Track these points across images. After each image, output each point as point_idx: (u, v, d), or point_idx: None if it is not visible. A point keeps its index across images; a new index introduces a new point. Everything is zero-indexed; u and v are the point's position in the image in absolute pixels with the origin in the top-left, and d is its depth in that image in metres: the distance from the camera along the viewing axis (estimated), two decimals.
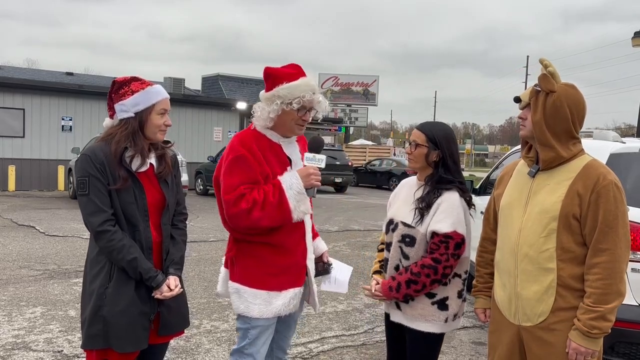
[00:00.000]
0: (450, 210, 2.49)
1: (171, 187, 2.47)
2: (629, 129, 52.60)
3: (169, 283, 2.36)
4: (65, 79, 23.04)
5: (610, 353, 3.28)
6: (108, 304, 2.28)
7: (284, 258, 2.57)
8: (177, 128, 19.50)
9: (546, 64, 2.18)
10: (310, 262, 2.70)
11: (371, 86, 35.99)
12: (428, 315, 2.54)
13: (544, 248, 2.19)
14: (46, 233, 9.38)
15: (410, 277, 2.48)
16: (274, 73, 2.58)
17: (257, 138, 2.57)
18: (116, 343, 2.28)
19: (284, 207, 2.47)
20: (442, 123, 2.70)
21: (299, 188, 2.50)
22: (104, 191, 2.28)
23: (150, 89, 2.39)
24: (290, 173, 2.54)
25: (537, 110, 2.20)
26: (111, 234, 2.27)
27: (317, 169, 2.56)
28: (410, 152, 2.61)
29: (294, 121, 2.57)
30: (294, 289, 2.61)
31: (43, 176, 17.47)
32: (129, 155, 2.34)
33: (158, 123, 2.37)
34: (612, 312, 2.09)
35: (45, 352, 4.16)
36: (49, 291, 5.83)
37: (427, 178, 2.61)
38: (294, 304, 2.62)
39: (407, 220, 2.58)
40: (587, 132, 4.54)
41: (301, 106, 2.53)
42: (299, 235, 2.62)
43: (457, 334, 4.98)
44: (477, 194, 6.39)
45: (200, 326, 4.83)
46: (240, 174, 2.47)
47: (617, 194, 2.12)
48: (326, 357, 4.30)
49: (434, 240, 2.48)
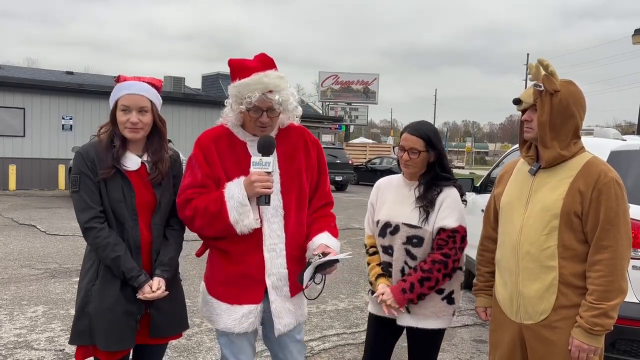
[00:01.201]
0: (454, 205, 2.54)
1: (165, 187, 2.42)
2: (629, 126, 52.58)
3: (152, 284, 2.30)
4: (66, 78, 23.03)
5: (611, 350, 3.28)
6: (93, 301, 2.29)
7: (232, 267, 2.37)
8: (177, 127, 19.51)
9: (546, 64, 2.17)
10: (271, 278, 2.37)
11: (371, 84, 35.98)
12: (439, 312, 2.57)
13: (546, 246, 2.18)
14: (47, 232, 9.40)
15: (422, 275, 2.48)
16: (232, 66, 2.37)
17: (220, 137, 2.40)
18: (99, 340, 2.27)
19: (223, 218, 2.26)
20: (427, 122, 2.68)
21: (241, 199, 2.24)
22: (94, 189, 2.30)
23: (118, 85, 2.38)
24: (237, 181, 2.29)
25: (544, 111, 2.18)
26: (97, 230, 2.28)
27: (265, 173, 2.25)
28: (409, 159, 2.55)
29: (252, 122, 2.34)
30: (247, 305, 2.36)
31: (43, 175, 17.47)
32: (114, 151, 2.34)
33: (121, 120, 2.33)
34: (614, 309, 2.09)
35: (46, 350, 4.17)
36: (51, 290, 5.85)
37: (421, 177, 2.61)
38: (250, 322, 2.37)
39: (411, 221, 2.56)
40: (587, 129, 4.54)
41: (252, 107, 2.28)
42: (251, 245, 2.34)
43: (458, 332, 4.99)
44: (477, 192, 6.39)
45: (201, 324, 4.83)
46: (190, 176, 2.36)
47: (618, 191, 2.12)
48: (327, 355, 4.30)
49: (442, 236, 2.51)
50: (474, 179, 6.80)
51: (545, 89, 2.18)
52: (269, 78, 2.27)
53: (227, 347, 2.46)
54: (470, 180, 6.67)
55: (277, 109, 2.32)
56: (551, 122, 2.18)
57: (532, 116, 2.24)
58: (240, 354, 2.45)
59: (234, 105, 2.35)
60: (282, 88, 2.30)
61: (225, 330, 2.41)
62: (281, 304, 2.40)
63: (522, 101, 2.26)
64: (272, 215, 2.37)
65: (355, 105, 35.86)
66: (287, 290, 2.41)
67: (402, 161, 2.60)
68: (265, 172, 2.26)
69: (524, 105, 2.26)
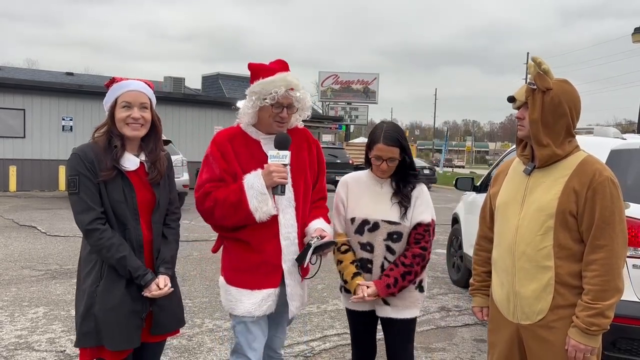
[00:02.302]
0: (427, 201, 2.72)
1: (163, 187, 2.46)
2: (629, 125, 52.55)
3: (158, 282, 2.35)
4: (66, 79, 23.05)
5: (611, 349, 3.28)
6: (99, 302, 2.30)
7: (252, 255, 2.54)
8: (177, 127, 19.52)
9: (539, 62, 2.17)
10: (287, 264, 2.58)
11: (371, 84, 35.94)
12: (415, 301, 2.73)
13: (542, 246, 2.18)
14: (48, 233, 9.41)
15: (404, 270, 2.61)
16: (254, 69, 2.58)
17: (235, 136, 2.58)
18: (108, 341, 2.29)
19: (243, 206, 2.44)
20: (394, 125, 2.72)
21: (260, 187, 2.44)
22: (94, 189, 2.30)
23: (116, 84, 2.42)
24: (255, 172, 2.49)
25: (535, 109, 2.19)
26: (100, 232, 2.28)
27: (282, 165, 2.46)
28: (387, 167, 2.64)
29: (271, 118, 2.53)
30: (267, 289, 2.54)
31: (44, 176, 17.47)
32: (115, 152, 2.35)
33: (122, 116, 2.35)
34: (610, 308, 2.08)
35: (47, 352, 4.17)
36: (51, 291, 5.85)
37: (393, 176, 2.70)
38: (268, 305, 2.55)
39: (391, 218, 2.66)
40: (587, 128, 4.54)
41: (276, 102, 2.49)
42: (269, 234, 2.54)
43: (459, 331, 4.99)
44: (477, 191, 6.39)
45: (202, 325, 4.84)
46: (207, 172, 2.53)
47: (613, 189, 2.11)
48: (328, 355, 4.31)
49: (419, 230, 2.66)
50: (474, 179, 6.81)
51: (538, 87, 2.18)
52: (291, 77, 2.54)
53: (243, 335, 2.59)
54: (470, 180, 6.68)
55: (295, 106, 2.57)
56: (543, 120, 2.18)
57: (524, 114, 2.24)
58: (254, 342, 2.58)
59: (256, 102, 2.52)
60: (301, 87, 2.55)
61: (245, 315, 2.55)
62: (294, 288, 2.62)
63: (515, 99, 2.27)
64: (286, 206, 2.58)
65: (355, 105, 35.83)
66: (298, 276, 2.63)
67: (379, 169, 2.66)
68: (282, 165, 2.46)
69: (518, 103, 2.26)
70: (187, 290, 5.87)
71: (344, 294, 2.80)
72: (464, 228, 6.60)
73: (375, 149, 2.64)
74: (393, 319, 2.70)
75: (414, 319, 2.75)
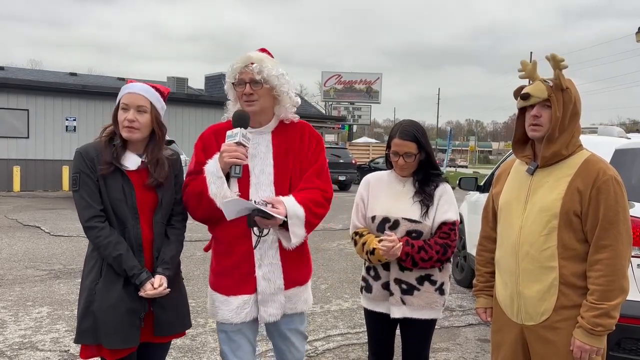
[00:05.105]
0: (451, 200, 2.67)
1: (167, 186, 2.45)
2: (633, 124, 52.40)
3: (153, 282, 2.34)
4: (69, 80, 23.09)
5: (616, 349, 3.26)
6: (97, 300, 2.31)
7: (225, 259, 2.46)
8: (180, 127, 19.54)
9: (560, 59, 2.12)
10: (261, 270, 2.41)
11: (374, 84, 35.94)
12: (433, 302, 2.66)
13: (545, 246, 2.17)
14: (51, 233, 9.43)
15: (423, 245, 2.56)
16: None
17: (221, 129, 2.51)
18: (105, 339, 2.30)
19: (205, 194, 2.34)
20: (412, 122, 2.71)
21: (216, 171, 2.31)
22: (94, 187, 2.33)
23: (124, 86, 2.46)
24: (214, 157, 2.37)
25: (559, 107, 2.14)
26: (98, 230, 2.31)
27: (233, 144, 2.29)
28: (405, 163, 2.62)
29: (240, 98, 2.44)
30: (241, 296, 2.43)
31: (48, 176, 17.53)
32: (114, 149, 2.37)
33: (120, 119, 2.38)
34: (615, 308, 2.07)
35: (51, 351, 4.18)
36: (55, 291, 5.87)
37: (415, 174, 2.68)
38: (246, 312, 2.43)
39: (411, 216, 2.62)
40: (591, 128, 4.53)
41: (237, 80, 2.42)
42: (237, 232, 2.40)
43: (463, 331, 4.98)
44: (481, 191, 6.37)
45: (205, 325, 4.84)
46: (190, 165, 2.51)
47: (617, 189, 2.10)
48: (332, 355, 4.30)
49: (444, 229, 2.62)
50: (477, 178, 6.79)
51: (556, 85, 2.16)
52: (253, 53, 2.43)
53: (226, 343, 2.51)
54: (474, 179, 6.66)
55: (259, 80, 2.37)
56: (563, 119, 2.15)
57: (541, 112, 2.18)
58: (238, 350, 2.49)
59: (229, 90, 2.50)
60: (265, 63, 2.38)
61: (224, 322, 2.46)
62: (268, 295, 2.43)
63: (531, 96, 2.18)
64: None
65: (358, 105, 35.84)
66: (280, 282, 2.44)
67: (397, 166, 2.66)
68: (234, 143, 2.30)
69: (533, 100, 2.18)
70: (190, 290, 5.84)
71: (364, 294, 2.76)
72: (468, 228, 6.59)
73: (392, 144, 2.65)
74: (409, 318, 2.64)
75: (431, 320, 2.68)
